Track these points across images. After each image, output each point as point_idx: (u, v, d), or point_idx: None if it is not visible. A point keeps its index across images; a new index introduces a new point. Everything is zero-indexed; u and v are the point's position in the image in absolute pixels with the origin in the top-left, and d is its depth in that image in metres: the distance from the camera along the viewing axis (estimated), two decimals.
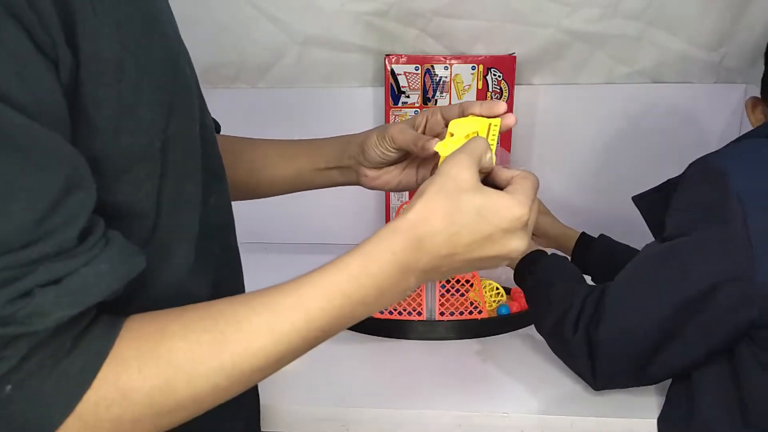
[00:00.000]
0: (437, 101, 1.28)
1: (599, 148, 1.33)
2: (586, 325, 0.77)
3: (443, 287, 1.01)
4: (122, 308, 0.43)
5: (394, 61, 1.25)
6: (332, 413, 0.81)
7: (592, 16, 1.20)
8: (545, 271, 0.89)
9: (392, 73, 1.25)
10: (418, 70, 1.25)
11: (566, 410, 0.80)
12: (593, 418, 0.79)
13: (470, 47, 1.27)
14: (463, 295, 1.03)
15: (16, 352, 0.39)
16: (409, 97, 1.27)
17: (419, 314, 1.00)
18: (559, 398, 0.83)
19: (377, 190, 0.73)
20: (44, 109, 0.38)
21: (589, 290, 0.81)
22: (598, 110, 1.31)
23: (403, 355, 0.96)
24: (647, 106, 1.29)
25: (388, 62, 1.25)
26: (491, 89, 1.27)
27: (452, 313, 1.00)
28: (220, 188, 0.56)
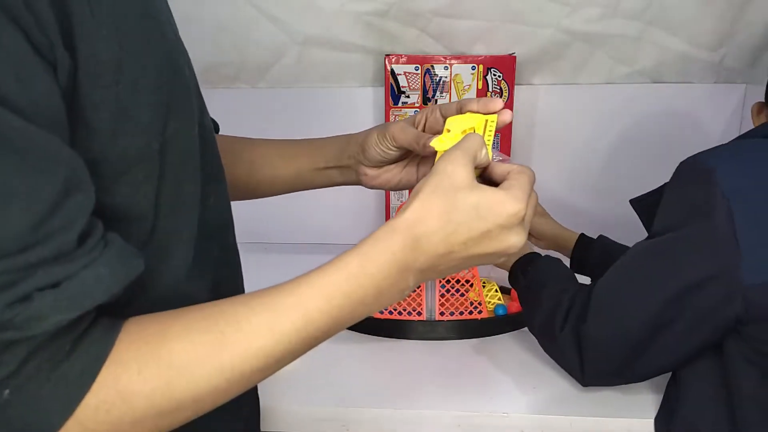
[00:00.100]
0: (437, 101, 1.28)
1: (599, 148, 1.33)
2: (574, 320, 0.78)
3: (443, 287, 1.01)
4: (121, 310, 0.43)
5: (394, 61, 1.25)
6: (332, 413, 0.81)
7: (592, 16, 1.20)
8: (538, 272, 0.90)
9: (392, 73, 1.25)
10: (418, 70, 1.25)
11: (566, 410, 0.80)
12: (593, 418, 0.79)
13: (470, 47, 1.27)
14: (462, 295, 1.03)
15: (14, 356, 0.38)
16: (409, 97, 1.27)
17: (419, 314, 1.00)
18: (558, 398, 0.83)
19: (377, 189, 0.73)
20: (42, 111, 0.37)
21: (578, 288, 0.82)
22: (598, 110, 1.31)
23: (403, 355, 0.96)
24: (647, 106, 1.29)
25: (388, 62, 1.25)
26: (491, 89, 1.26)
27: (452, 313, 1.00)
28: (219, 189, 0.56)
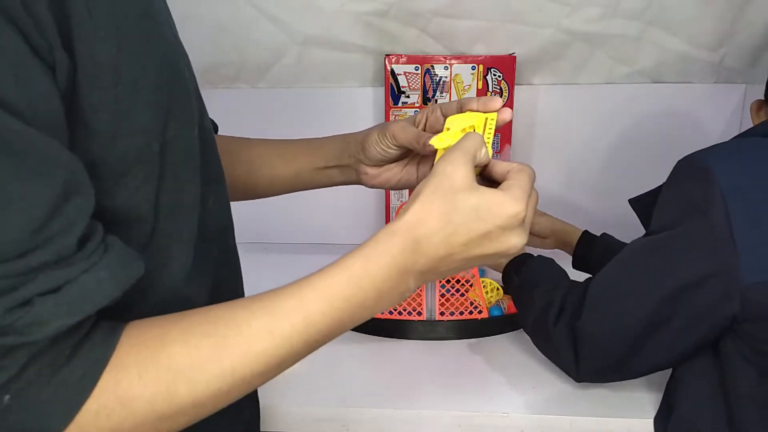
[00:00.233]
0: (437, 101, 1.27)
1: (599, 148, 1.33)
2: (569, 316, 0.78)
3: (443, 287, 1.01)
4: (121, 313, 0.43)
5: (394, 61, 1.25)
6: (332, 413, 0.81)
7: (592, 16, 1.20)
8: (531, 272, 0.90)
9: (392, 73, 1.25)
10: (418, 70, 1.25)
11: (566, 410, 0.80)
12: (593, 418, 0.79)
13: (470, 47, 1.27)
14: (463, 295, 1.03)
15: (15, 361, 0.38)
16: (409, 97, 1.27)
17: (419, 314, 1.00)
18: (558, 398, 0.83)
19: (377, 188, 0.73)
20: (41, 114, 0.37)
21: (571, 285, 0.82)
22: (598, 110, 1.31)
23: (403, 355, 0.96)
24: (647, 106, 1.29)
25: (388, 62, 1.25)
26: (491, 89, 1.26)
27: (452, 313, 1.00)
28: (219, 190, 0.56)
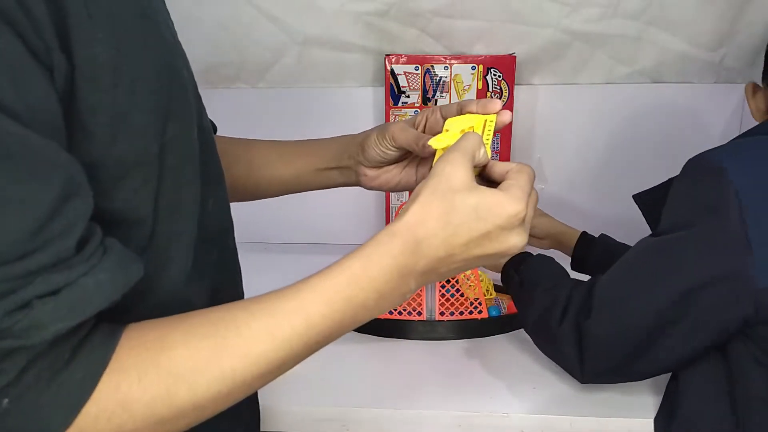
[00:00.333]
0: (437, 101, 1.28)
1: (599, 148, 1.33)
2: (574, 316, 0.76)
3: (443, 287, 1.01)
4: (120, 316, 0.43)
5: (394, 61, 1.25)
6: (332, 413, 0.81)
7: (592, 16, 1.20)
8: (531, 270, 0.88)
9: (392, 73, 1.25)
10: (418, 70, 1.25)
11: (566, 410, 0.80)
12: (593, 418, 0.79)
13: (470, 47, 1.27)
14: (462, 294, 1.03)
15: (13, 365, 0.38)
16: (409, 97, 1.27)
17: (419, 314, 1.00)
18: (559, 398, 0.83)
19: (377, 190, 0.72)
20: (39, 116, 0.37)
21: (574, 283, 0.80)
22: (598, 110, 1.31)
23: (403, 355, 0.96)
24: (647, 106, 1.29)
25: (388, 62, 1.25)
26: (491, 89, 1.26)
27: (452, 313, 1.00)
28: (218, 192, 0.56)
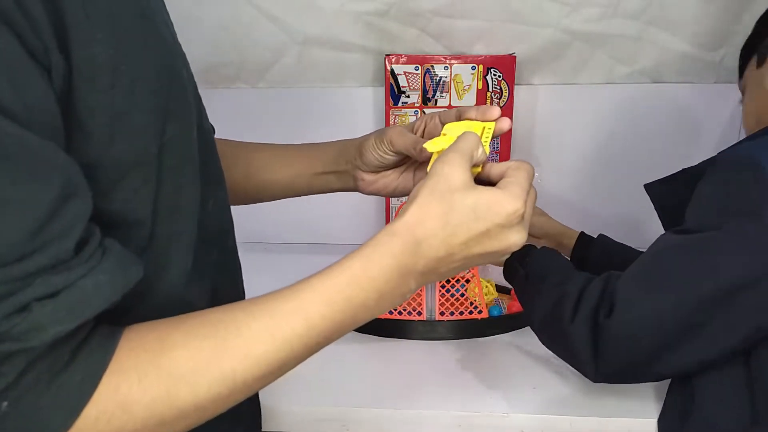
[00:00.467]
0: (437, 101, 1.28)
1: (599, 148, 1.33)
2: (589, 313, 0.72)
3: (443, 287, 1.01)
4: (120, 317, 0.43)
5: (394, 61, 1.25)
6: (332, 413, 0.81)
7: (592, 16, 1.20)
8: (536, 264, 0.84)
9: (392, 73, 1.25)
10: (418, 70, 1.25)
11: (566, 410, 0.80)
12: (593, 418, 0.79)
13: (470, 47, 1.27)
14: (463, 294, 1.03)
15: (12, 368, 0.37)
16: (409, 97, 1.27)
17: (419, 314, 1.00)
18: (558, 398, 0.83)
19: (374, 195, 0.72)
20: (37, 116, 0.36)
21: (587, 278, 0.76)
22: (598, 110, 1.31)
23: (403, 355, 0.96)
24: (647, 106, 1.29)
25: (388, 62, 1.25)
26: (491, 89, 1.26)
27: (452, 313, 1.00)
28: (218, 192, 0.55)
